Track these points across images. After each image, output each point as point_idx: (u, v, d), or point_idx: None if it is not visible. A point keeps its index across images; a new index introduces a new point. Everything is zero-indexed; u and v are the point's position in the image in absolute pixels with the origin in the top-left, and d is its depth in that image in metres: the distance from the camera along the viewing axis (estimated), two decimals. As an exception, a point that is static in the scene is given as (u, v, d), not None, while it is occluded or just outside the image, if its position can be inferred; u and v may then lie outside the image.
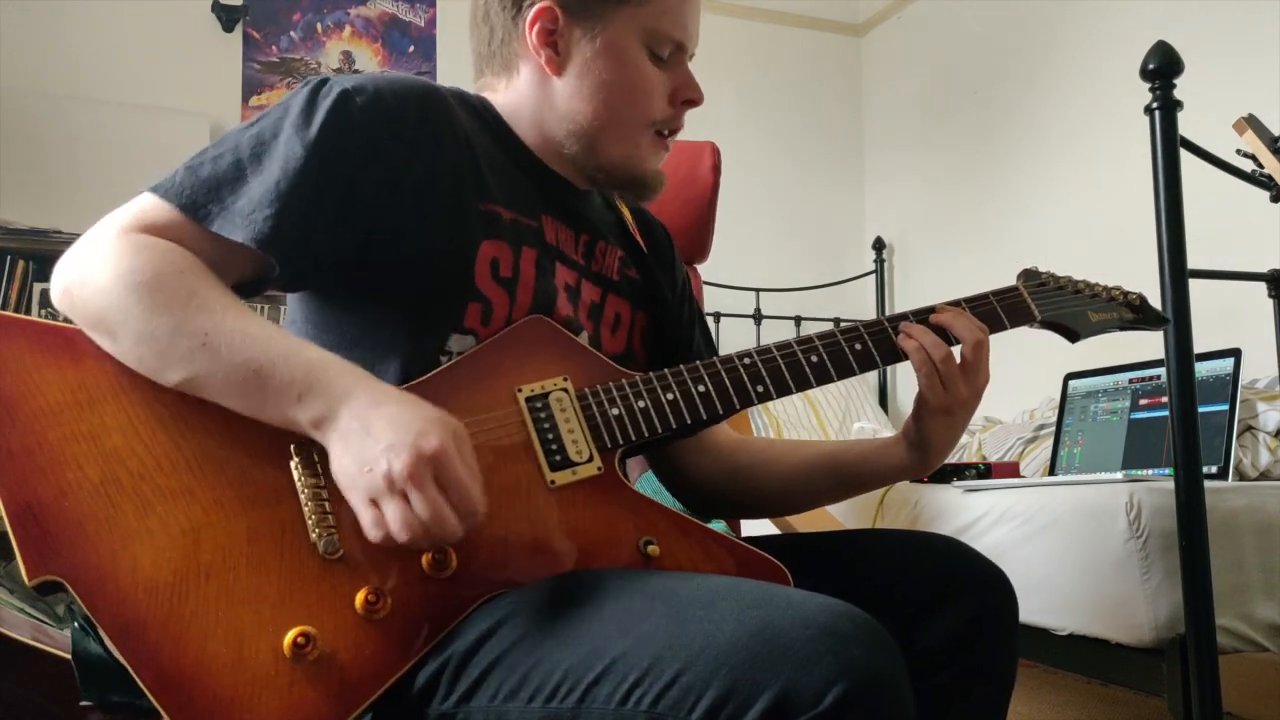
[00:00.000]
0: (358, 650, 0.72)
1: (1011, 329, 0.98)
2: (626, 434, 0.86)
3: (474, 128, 0.93)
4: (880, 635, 0.65)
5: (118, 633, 0.69)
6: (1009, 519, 1.70)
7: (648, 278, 1.06)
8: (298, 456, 0.76)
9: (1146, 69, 1.41)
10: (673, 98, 0.96)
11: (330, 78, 0.86)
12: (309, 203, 0.81)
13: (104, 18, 3.08)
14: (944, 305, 0.96)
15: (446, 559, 0.76)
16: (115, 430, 0.75)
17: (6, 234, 2.64)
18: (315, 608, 0.72)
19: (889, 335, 0.93)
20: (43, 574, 0.69)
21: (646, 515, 0.83)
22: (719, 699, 0.61)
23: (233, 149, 0.83)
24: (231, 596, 0.71)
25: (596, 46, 0.92)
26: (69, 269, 0.79)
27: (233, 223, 0.80)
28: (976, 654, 0.90)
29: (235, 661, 0.69)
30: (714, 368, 0.90)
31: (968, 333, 0.93)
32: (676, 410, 0.87)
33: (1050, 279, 1.03)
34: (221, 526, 0.74)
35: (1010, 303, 0.99)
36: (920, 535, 0.99)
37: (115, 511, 0.72)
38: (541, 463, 0.82)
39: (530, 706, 0.68)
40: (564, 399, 0.85)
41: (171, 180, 0.82)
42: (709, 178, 1.90)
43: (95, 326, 0.77)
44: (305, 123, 0.82)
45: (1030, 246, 3.17)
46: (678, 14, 0.94)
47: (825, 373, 0.91)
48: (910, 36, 3.82)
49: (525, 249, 0.91)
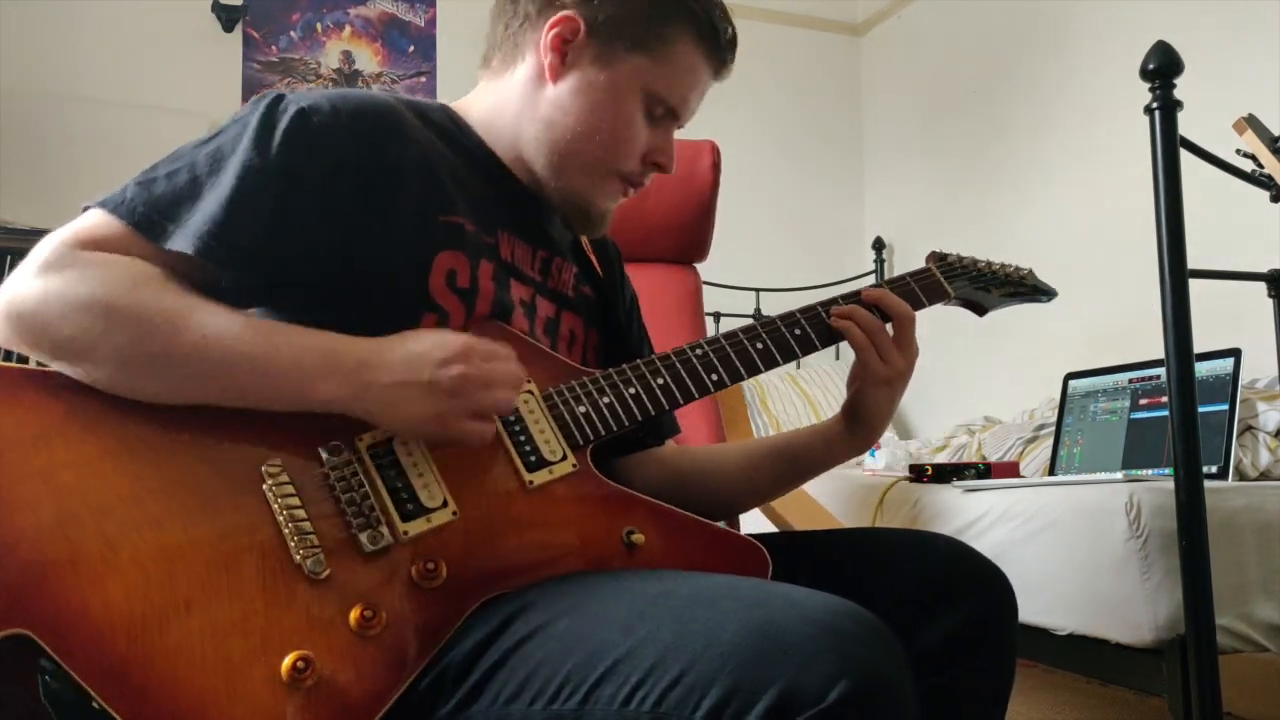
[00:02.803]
0: (357, 670, 0.70)
1: (929, 306, 1.06)
2: (596, 429, 0.88)
3: (432, 140, 0.93)
4: (882, 633, 0.65)
5: (99, 678, 0.64)
6: (1009, 519, 1.70)
7: (600, 295, 1.08)
8: (269, 478, 0.75)
9: (1146, 69, 1.41)
10: (646, 156, 0.98)
11: (285, 94, 0.85)
12: (263, 215, 0.80)
13: (104, 18, 3.08)
14: (868, 288, 1.03)
15: (436, 568, 0.75)
16: (66, 467, 0.70)
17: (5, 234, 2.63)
18: (308, 630, 0.70)
19: (822, 318, 1.00)
20: (7, 627, 0.64)
21: (626, 506, 0.85)
22: (722, 698, 0.61)
23: (188, 165, 0.81)
24: (217, 627, 0.68)
25: (602, 77, 0.93)
26: (15, 296, 0.75)
27: (184, 238, 0.78)
28: (976, 654, 0.90)
29: (229, 694, 0.66)
30: (669, 360, 0.93)
31: (899, 306, 1.00)
32: (640, 403, 0.90)
33: (956, 260, 1.10)
34: (196, 555, 0.70)
35: (926, 282, 1.06)
36: (921, 535, 0.99)
37: (76, 551, 0.67)
38: (518, 465, 0.83)
39: (533, 709, 0.68)
40: (530, 400, 0.86)
41: (122, 196, 0.79)
42: (708, 177, 1.90)
43: (58, 351, 0.74)
44: (263, 140, 0.81)
45: (1030, 246, 3.17)
46: (685, 85, 0.97)
47: (771, 357, 0.97)
48: (910, 36, 3.83)
49: (483, 262, 0.91)
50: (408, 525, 0.77)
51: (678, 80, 0.96)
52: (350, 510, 0.76)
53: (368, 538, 0.75)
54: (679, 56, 0.95)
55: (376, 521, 0.76)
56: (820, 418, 3.32)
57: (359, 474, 0.78)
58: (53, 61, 3.01)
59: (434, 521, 0.78)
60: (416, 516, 0.77)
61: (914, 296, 1.04)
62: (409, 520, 0.77)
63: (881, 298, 1.00)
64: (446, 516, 0.78)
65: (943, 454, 2.60)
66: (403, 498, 0.78)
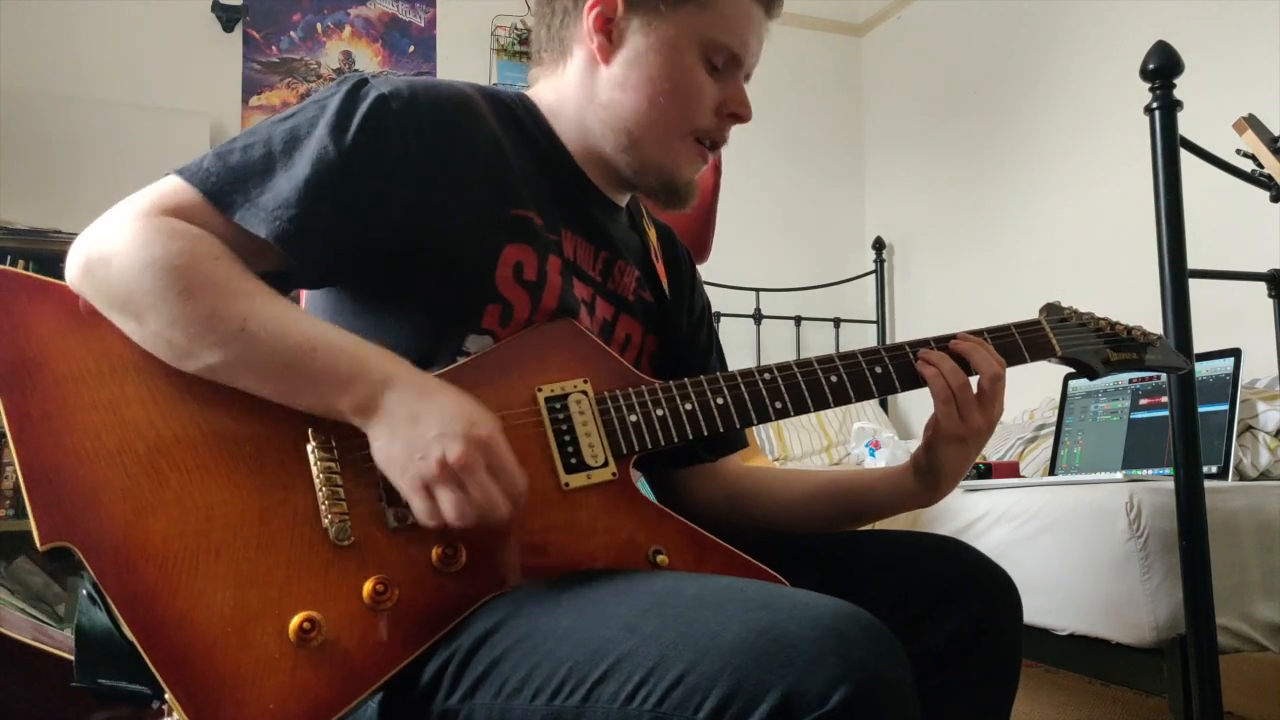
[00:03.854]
0: (362, 639, 0.72)
1: (1032, 362, 0.98)
2: (643, 441, 0.85)
3: (507, 132, 0.92)
4: (885, 636, 0.65)
5: (125, 603, 0.69)
6: (1009, 519, 1.70)
7: (662, 303, 1.06)
8: (314, 441, 0.76)
9: (1146, 69, 1.42)
10: (720, 109, 0.95)
11: (369, 78, 0.86)
12: (337, 204, 0.81)
13: (104, 18, 3.08)
14: (965, 334, 0.96)
15: (456, 553, 0.76)
16: (135, 402, 0.75)
17: (6, 234, 2.64)
18: (323, 594, 0.72)
19: (909, 360, 0.93)
20: (54, 539, 0.69)
21: (658, 524, 0.83)
22: (724, 699, 0.61)
23: (264, 140, 0.82)
24: (240, 576, 0.71)
25: (650, 41, 0.91)
26: (90, 247, 0.77)
27: (257, 217, 0.79)
28: (980, 656, 0.90)
29: (240, 641, 0.70)
30: (734, 381, 0.89)
31: (986, 365, 0.94)
32: (694, 420, 0.87)
33: (1072, 314, 1.03)
34: (235, 505, 0.74)
35: (1032, 336, 0.99)
36: (924, 536, 0.99)
37: (130, 482, 0.72)
38: (556, 464, 0.82)
39: (534, 704, 0.68)
40: (583, 401, 0.85)
41: (199, 165, 0.81)
42: (710, 177, 1.90)
43: (119, 308, 0.76)
44: (341, 123, 0.81)
45: (1031, 246, 3.18)
46: (738, 27, 0.93)
47: (844, 394, 0.91)
48: (910, 36, 3.83)
49: (552, 256, 0.91)
50: None
51: (731, 22, 0.92)
52: (383, 484, 0.77)
53: (394, 514, 0.76)
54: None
55: (404, 499, 0.76)
56: (826, 426, 3.32)
57: None
58: (53, 61, 3.01)
59: None
60: None
61: (1015, 349, 0.97)
62: None
63: (971, 352, 0.94)
64: None
65: (943, 454, 2.60)
66: None
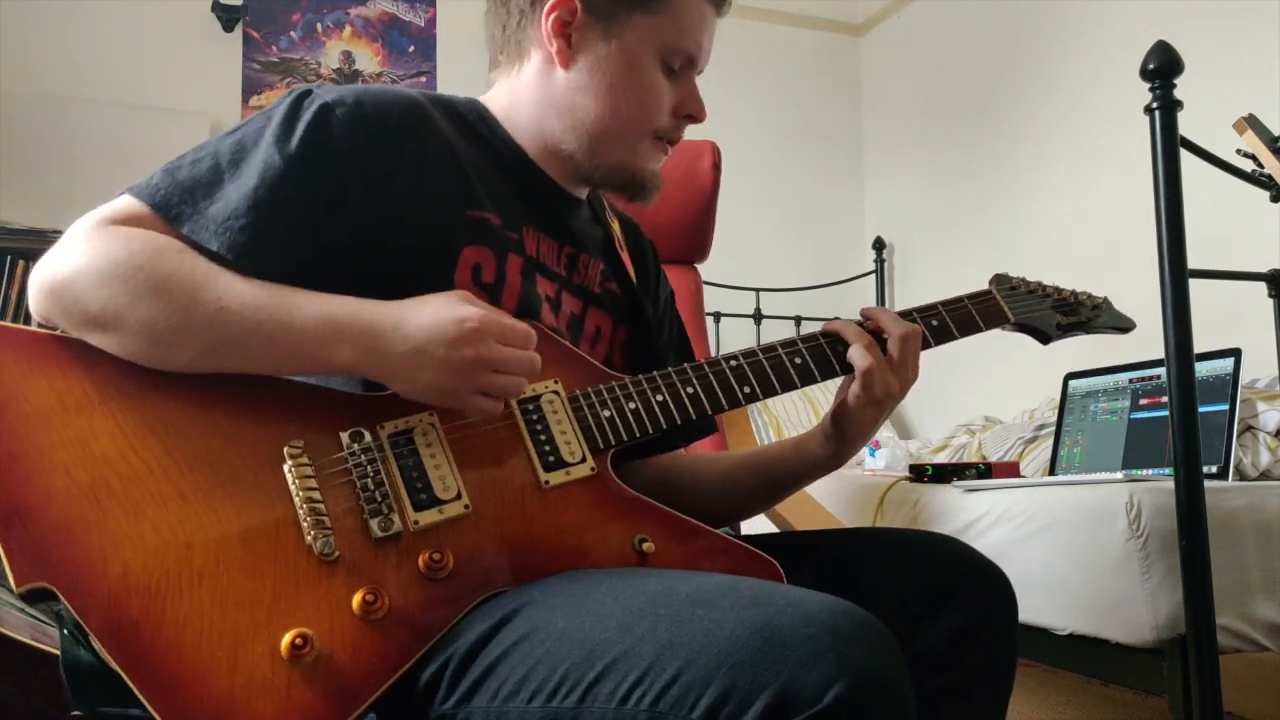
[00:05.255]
0: (355, 651, 0.72)
1: (986, 330, 1.01)
2: (619, 435, 0.87)
3: (460, 135, 0.94)
4: (881, 634, 0.65)
5: (110, 636, 0.68)
6: (1009, 519, 1.70)
7: (629, 294, 1.07)
8: (290, 459, 0.77)
9: (1146, 69, 1.41)
10: (676, 110, 0.97)
11: (314, 89, 0.87)
12: (288, 213, 0.81)
13: (104, 18, 3.08)
14: (916, 307, 0.99)
15: (444, 560, 0.76)
16: (104, 435, 0.75)
17: (6, 234, 2.63)
18: (312, 610, 0.72)
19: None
20: (31, 581, 0.68)
21: (641, 514, 0.84)
22: (720, 697, 0.60)
23: (212, 154, 0.83)
24: (226, 600, 0.71)
25: (612, 49, 0.93)
26: (49, 272, 0.78)
27: (207, 229, 0.80)
28: (976, 655, 0.90)
29: (230, 665, 0.69)
30: (701, 370, 0.92)
31: (892, 324, 0.95)
32: (666, 411, 0.89)
33: (1021, 283, 1.06)
34: (214, 530, 0.73)
35: (984, 305, 1.02)
36: (921, 535, 0.99)
37: (105, 516, 0.72)
38: (535, 463, 0.83)
39: (531, 706, 0.68)
40: (555, 401, 0.86)
41: (148, 182, 0.82)
42: (709, 177, 1.90)
43: (93, 323, 0.76)
44: (286, 133, 0.83)
45: (1030, 246, 3.17)
46: (694, 30, 0.96)
47: (809, 373, 0.94)
48: (910, 36, 3.83)
49: (511, 255, 0.92)
50: (419, 515, 0.78)
51: (687, 27, 0.95)
52: (364, 496, 0.77)
53: (378, 524, 0.76)
54: (680, 2, 0.94)
55: (389, 509, 0.77)
56: (819, 416, 3.32)
57: (377, 461, 0.79)
58: (53, 62, 3.01)
59: (446, 513, 0.78)
60: (429, 507, 0.78)
61: (969, 320, 1.00)
62: (421, 510, 0.78)
63: (878, 316, 0.96)
64: (459, 509, 0.79)
65: (943, 454, 2.61)
66: (417, 487, 0.79)
